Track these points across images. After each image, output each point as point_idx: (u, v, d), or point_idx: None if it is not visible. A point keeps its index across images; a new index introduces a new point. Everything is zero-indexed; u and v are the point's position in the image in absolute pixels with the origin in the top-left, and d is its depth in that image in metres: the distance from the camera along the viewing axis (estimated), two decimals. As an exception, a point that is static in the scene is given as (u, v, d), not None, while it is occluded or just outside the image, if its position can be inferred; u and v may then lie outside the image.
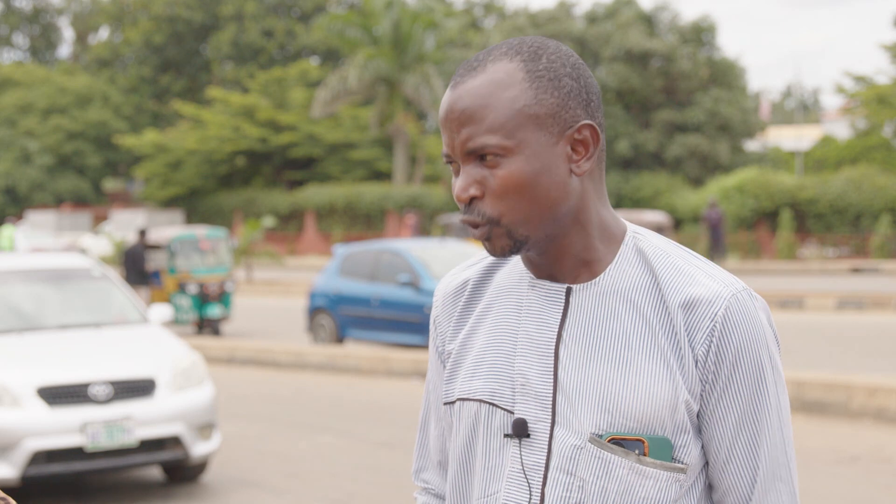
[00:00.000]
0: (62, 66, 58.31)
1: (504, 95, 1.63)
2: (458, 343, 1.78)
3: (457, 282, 1.83)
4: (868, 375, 10.53)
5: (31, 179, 47.83)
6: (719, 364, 1.63)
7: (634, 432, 1.62)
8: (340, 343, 15.58)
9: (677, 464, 1.63)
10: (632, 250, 1.70)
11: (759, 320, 1.66)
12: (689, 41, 38.93)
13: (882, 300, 18.79)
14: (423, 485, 1.92)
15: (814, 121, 63.96)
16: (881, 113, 35.60)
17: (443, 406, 1.81)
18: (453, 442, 1.77)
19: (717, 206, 28.64)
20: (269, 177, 47.19)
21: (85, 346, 8.01)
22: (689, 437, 1.64)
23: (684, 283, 1.65)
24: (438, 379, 1.84)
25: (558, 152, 1.64)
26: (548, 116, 1.64)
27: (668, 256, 1.68)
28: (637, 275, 1.68)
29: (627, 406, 1.62)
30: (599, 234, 1.69)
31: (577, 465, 1.63)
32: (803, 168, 42.69)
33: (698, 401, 1.64)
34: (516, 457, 1.67)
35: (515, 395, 1.68)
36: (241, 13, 51.79)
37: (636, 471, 1.62)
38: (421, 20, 39.24)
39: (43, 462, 7.14)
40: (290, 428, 10.06)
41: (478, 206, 1.64)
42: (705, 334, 1.63)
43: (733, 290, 1.65)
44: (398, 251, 15.41)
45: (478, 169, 1.64)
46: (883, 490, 7.44)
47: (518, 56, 1.65)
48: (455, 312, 1.81)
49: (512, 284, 1.75)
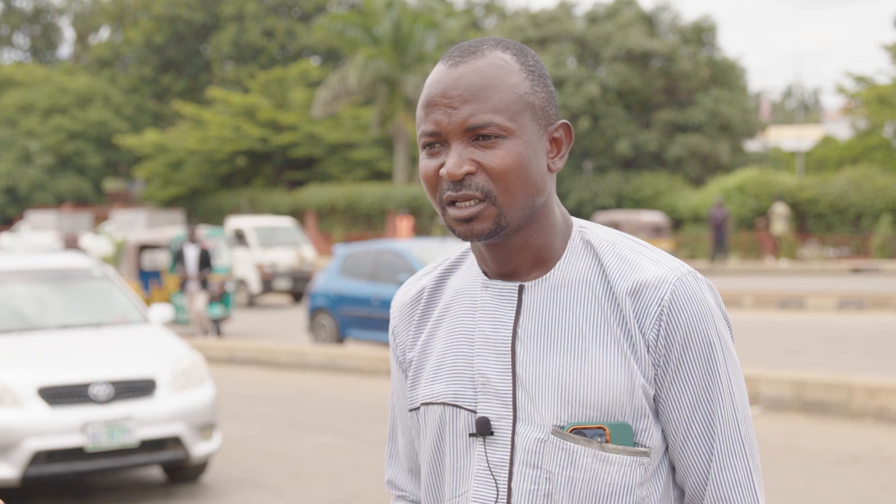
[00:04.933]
0: (63, 66, 58.31)
1: (508, 79, 1.66)
2: (418, 350, 1.81)
3: (413, 291, 1.86)
4: (868, 375, 10.52)
5: (31, 179, 47.82)
6: (669, 347, 1.66)
7: (595, 421, 1.65)
8: (341, 343, 15.58)
9: (640, 448, 1.66)
10: (579, 244, 1.73)
11: (706, 302, 1.68)
12: (690, 41, 38.92)
13: (882, 300, 18.78)
14: (396, 493, 1.95)
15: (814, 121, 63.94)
16: (882, 113, 35.58)
17: (408, 413, 1.84)
18: (422, 446, 1.80)
19: (724, 205, 28.64)
20: (269, 177, 47.19)
21: (85, 346, 8.01)
22: (649, 422, 1.67)
23: (630, 270, 1.68)
24: (401, 388, 1.87)
25: (542, 145, 1.69)
26: (539, 108, 1.68)
27: (613, 247, 1.71)
28: (585, 267, 1.71)
29: (586, 396, 1.65)
30: (555, 230, 1.73)
31: (541, 457, 1.66)
32: (804, 168, 42.68)
33: (653, 385, 1.67)
34: (482, 455, 1.70)
35: (477, 394, 1.71)
36: (242, 13, 51.78)
37: (600, 458, 1.65)
38: (421, 20, 39.23)
39: (43, 462, 7.14)
40: (290, 428, 10.06)
41: (473, 181, 1.65)
42: (654, 319, 1.65)
43: (678, 273, 1.68)
44: (398, 251, 15.42)
45: (471, 148, 1.65)
46: (883, 490, 7.44)
47: (509, 50, 1.70)
48: (413, 321, 1.84)
49: (466, 287, 1.78)
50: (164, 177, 46.28)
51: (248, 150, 45.03)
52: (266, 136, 44.20)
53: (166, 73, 54.28)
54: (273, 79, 45.52)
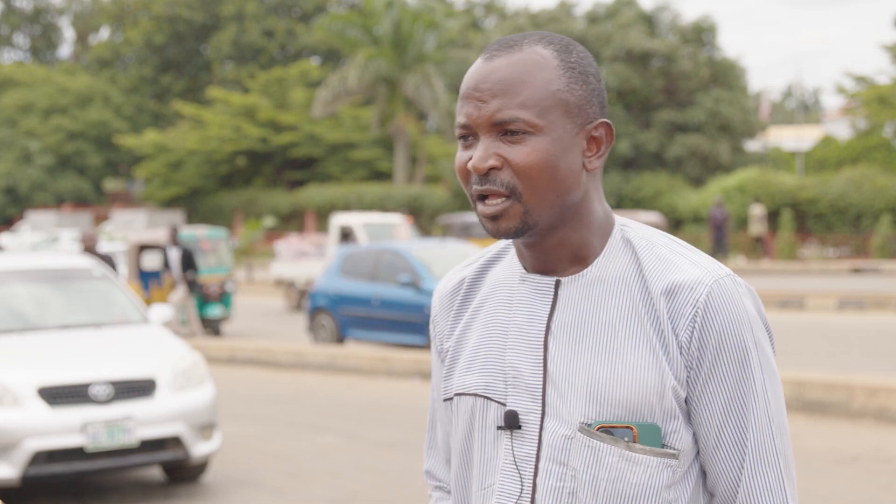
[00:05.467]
0: (63, 66, 58.31)
1: (541, 75, 1.65)
2: (455, 340, 1.81)
3: (453, 281, 1.86)
4: (868, 375, 10.52)
5: (31, 179, 47.82)
6: (703, 349, 1.64)
7: (623, 420, 1.63)
8: (341, 343, 15.58)
9: (668, 450, 1.64)
10: (619, 241, 1.72)
11: (743, 305, 1.66)
12: (690, 41, 38.93)
13: (882, 300, 18.79)
14: (434, 483, 1.95)
15: (814, 121, 63.93)
16: (882, 113, 35.58)
17: (443, 403, 1.84)
18: (453, 437, 1.80)
19: (724, 205, 28.65)
20: (269, 177, 47.19)
21: (85, 346, 8.01)
22: (679, 424, 1.65)
23: (667, 270, 1.67)
24: (440, 378, 1.87)
25: (577, 144, 1.67)
26: (575, 106, 1.67)
27: (652, 246, 1.70)
28: (623, 265, 1.70)
29: (615, 394, 1.64)
30: (594, 228, 1.72)
31: (568, 454, 1.65)
32: (804, 168, 42.68)
33: (685, 387, 1.65)
34: (508, 449, 1.70)
35: (507, 387, 1.71)
36: (242, 13, 51.78)
37: (626, 458, 1.63)
38: (421, 20, 39.23)
39: (43, 462, 7.14)
40: (290, 428, 10.06)
41: (498, 176, 1.65)
42: (688, 320, 1.63)
43: (716, 275, 1.66)
44: (399, 251, 15.42)
45: (498, 143, 1.65)
46: (883, 490, 7.43)
47: (551, 45, 1.69)
48: (452, 311, 1.84)
49: (505, 280, 1.78)
50: (164, 177, 46.29)
51: (248, 150, 45.05)
52: (266, 136, 44.21)
53: (166, 73, 54.28)
54: (273, 79, 45.54)
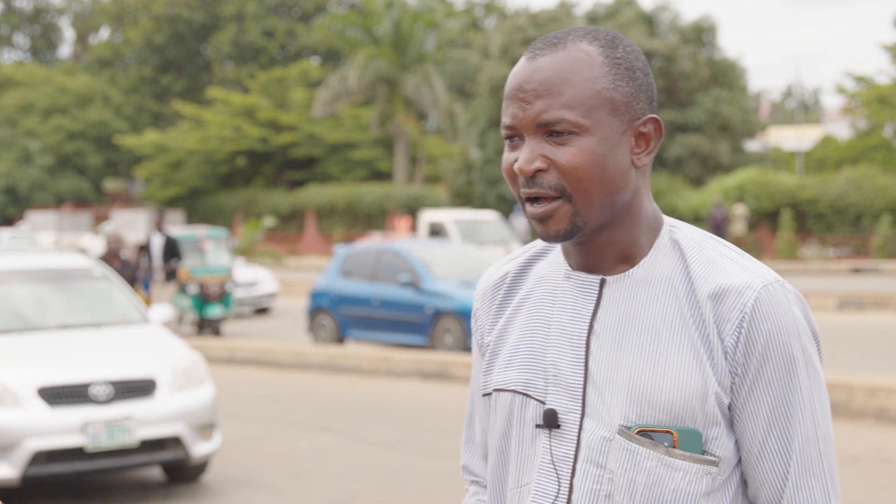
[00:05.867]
0: (63, 66, 58.31)
1: (585, 74, 1.63)
2: (496, 335, 1.79)
3: (497, 275, 1.84)
4: (868, 375, 10.52)
5: (31, 179, 47.82)
6: (748, 356, 1.61)
7: (664, 424, 1.61)
8: (341, 343, 15.58)
9: (708, 456, 1.61)
10: (667, 242, 1.69)
11: (792, 312, 1.63)
12: (690, 41, 38.93)
13: (882, 300, 18.79)
14: (471, 478, 1.93)
15: (814, 121, 63.94)
16: (882, 113, 35.58)
17: (482, 398, 1.82)
18: (491, 433, 1.78)
19: (723, 205, 28.65)
20: (269, 177, 47.19)
21: (85, 346, 8.01)
22: (721, 430, 1.62)
23: (715, 273, 1.64)
24: (479, 372, 1.84)
25: (625, 142, 1.65)
26: (622, 104, 1.64)
27: (701, 248, 1.68)
28: (670, 266, 1.67)
29: (656, 397, 1.61)
30: (643, 227, 1.69)
31: (606, 457, 1.63)
32: (804, 168, 42.69)
33: (729, 393, 1.62)
34: (546, 448, 1.68)
35: (548, 385, 1.68)
36: (242, 13, 51.78)
37: (665, 463, 1.61)
38: (421, 20, 39.23)
39: (43, 462, 7.14)
40: (290, 428, 10.06)
41: (544, 178, 1.63)
42: (734, 325, 1.61)
43: (764, 281, 1.63)
44: (399, 251, 15.42)
45: (544, 144, 1.63)
46: (883, 490, 7.44)
47: (597, 41, 1.66)
48: (494, 305, 1.82)
49: (549, 276, 1.75)
50: (164, 177, 46.28)
51: (248, 150, 45.04)
52: (266, 136, 44.21)
53: (166, 73, 54.28)
54: (273, 79, 45.53)
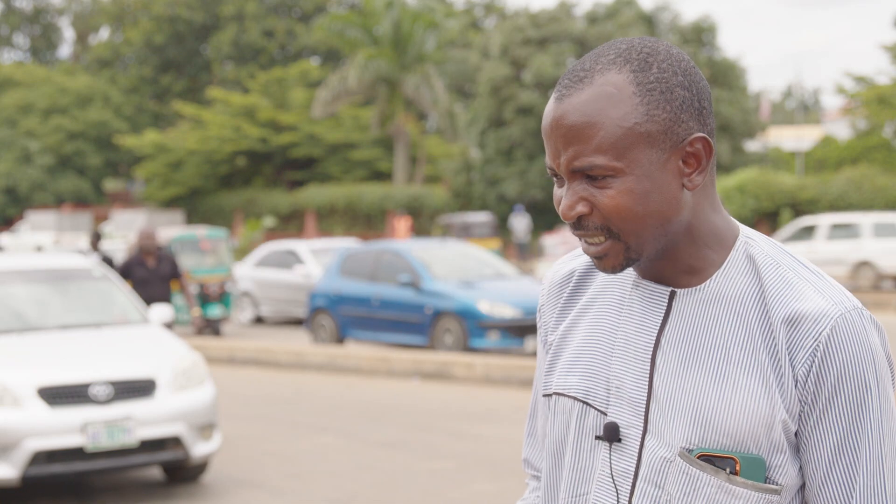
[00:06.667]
0: (63, 67, 58.32)
1: (614, 113, 1.55)
2: (559, 335, 1.76)
3: (564, 272, 1.80)
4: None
5: (31, 179, 47.82)
6: (819, 386, 1.55)
7: (727, 449, 1.57)
8: (341, 343, 15.59)
9: (771, 485, 1.57)
10: (742, 257, 1.64)
11: (869, 343, 1.58)
12: (690, 41, 38.93)
13: (883, 300, 18.79)
14: (532, 472, 1.90)
15: (814, 121, 63.94)
16: (882, 113, 35.57)
17: (542, 397, 1.79)
18: (548, 435, 1.75)
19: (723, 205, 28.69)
20: (269, 177, 47.19)
21: (85, 346, 8.01)
22: (785, 458, 1.58)
23: (791, 296, 1.58)
24: (542, 370, 1.81)
25: (670, 168, 1.58)
26: (660, 133, 1.56)
27: (778, 267, 1.62)
28: (744, 284, 1.61)
29: (721, 421, 1.57)
30: (710, 241, 1.64)
31: (665, 477, 1.59)
32: (804, 168, 42.69)
33: (796, 421, 1.57)
34: (606, 461, 1.64)
35: (609, 396, 1.65)
36: (242, 13, 51.78)
37: (725, 490, 1.56)
38: (421, 20, 39.23)
39: (43, 462, 7.14)
40: (290, 428, 10.06)
41: (590, 221, 1.59)
42: (808, 353, 1.55)
43: (843, 308, 1.58)
44: (398, 251, 15.43)
45: (584, 185, 1.58)
46: (883, 490, 7.43)
47: (627, 65, 1.57)
48: (559, 303, 1.78)
49: (616, 280, 1.71)
50: (164, 177, 46.27)
51: (248, 150, 45.04)
52: (266, 136, 44.20)
53: (166, 73, 54.29)
54: (273, 79, 45.53)
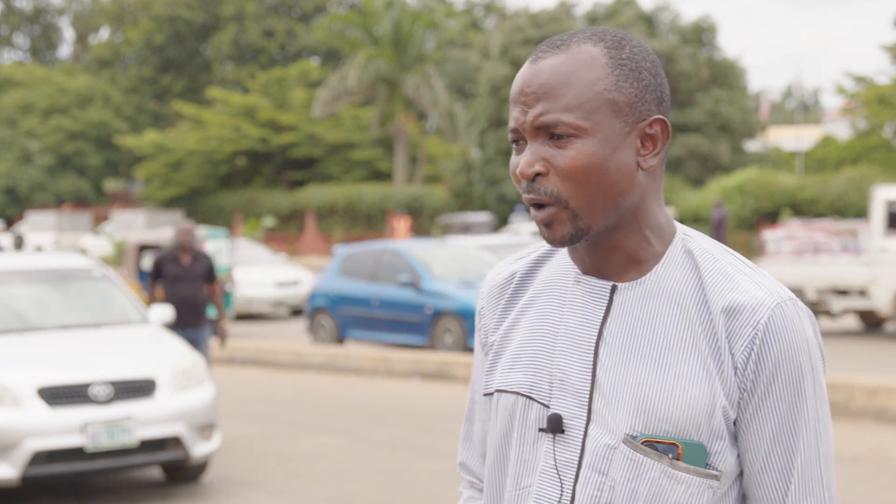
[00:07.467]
0: (63, 67, 58.33)
1: (586, 76, 1.62)
2: (500, 335, 1.78)
3: (504, 274, 1.83)
4: (868, 375, 10.53)
5: (31, 179, 47.83)
6: (758, 373, 1.60)
7: (669, 436, 1.61)
8: (341, 343, 15.58)
9: (711, 470, 1.61)
10: (680, 251, 1.68)
11: (804, 332, 1.63)
12: (690, 41, 38.94)
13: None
14: (468, 477, 1.92)
15: (814, 121, 63.95)
16: (882, 113, 35.56)
17: (483, 397, 1.81)
18: (491, 433, 1.77)
19: (723, 205, 28.65)
20: (269, 177, 47.20)
21: (85, 346, 8.01)
22: (725, 445, 1.62)
23: (729, 288, 1.63)
24: (481, 370, 1.84)
25: (629, 143, 1.63)
26: (625, 105, 1.63)
27: (715, 261, 1.66)
28: (683, 277, 1.66)
29: (663, 409, 1.61)
30: (653, 232, 1.68)
31: (609, 464, 1.62)
32: (804, 168, 42.70)
33: (736, 409, 1.62)
34: (549, 452, 1.67)
35: (552, 389, 1.67)
36: (242, 13, 51.79)
37: (668, 475, 1.61)
38: (421, 20, 39.24)
39: (43, 462, 7.14)
40: (290, 428, 10.06)
41: (542, 184, 1.63)
42: (746, 342, 1.60)
43: (778, 298, 1.62)
44: (399, 251, 15.43)
45: (545, 147, 1.62)
46: (883, 490, 7.44)
47: (602, 42, 1.65)
48: (500, 304, 1.81)
49: (557, 278, 1.74)
50: (164, 177, 46.28)
51: (248, 150, 45.05)
52: (266, 136, 44.21)
53: (166, 73, 54.29)
54: (273, 79, 45.54)
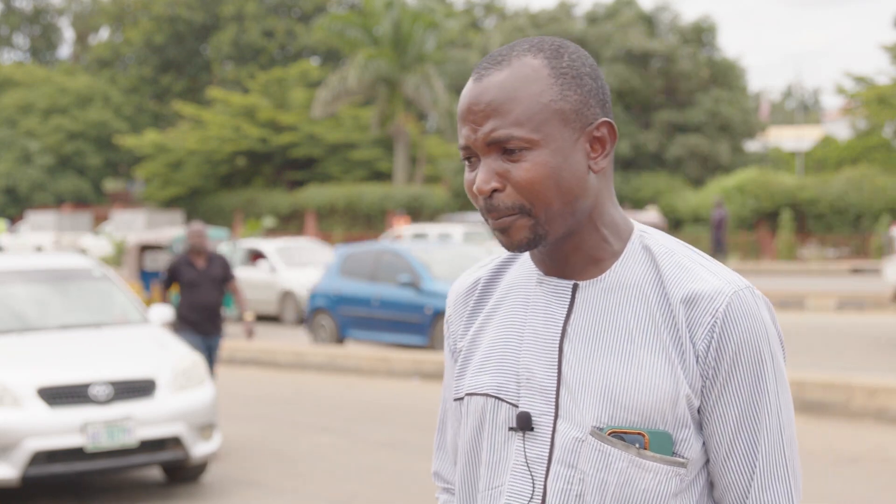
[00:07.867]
0: (63, 67, 58.31)
1: (531, 89, 1.65)
2: (468, 340, 1.82)
3: (468, 282, 1.87)
4: (868, 375, 10.53)
5: (31, 179, 47.82)
6: (719, 360, 1.64)
7: (635, 426, 1.64)
8: (341, 343, 15.58)
9: (677, 458, 1.65)
10: (638, 248, 1.72)
11: (762, 318, 1.67)
12: (690, 41, 38.92)
13: (882, 300, 18.77)
14: (442, 485, 1.95)
15: (814, 121, 63.95)
16: (881, 113, 35.56)
17: (453, 403, 1.83)
18: (461, 436, 1.80)
19: (723, 205, 28.65)
20: (269, 177, 47.18)
21: (85, 346, 8.01)
22: (690, 433, 1.66)
23: (687, 279, 1.67)
24: (451, 377, 1.87)
25: (579, 148, 1.67)
26: (571, 112, 1.66)
27: (672, 254, 1.71)
28: (642, 271, 1.70)
29: (629, 399, 1.64)
30: (610, 231, 1.72)
31: (578, 457, 1.66)
32: (804, 168, 42.70)
33: (699, 396, 1.66)
34: (520, 450, 1.70)
35: (520, 389, 1.71)
36: (242, 13, 51.78)
37: (636, 464, 1.64)
38: (421, 20, 39.22)
39: (43, 462, 7.14)
40: (290, 428, 10.07)
41: (501, 200, 1.66)
42: (706, 330, 1.64)
43: (735, 287, 1.66)
44: (399, 251, 15.43)
45: (499, 162, 1.66)
46: (883, 490, 7.44)
47: (541, 53, 1.68)
48: (466, 311, 1.85)
49: (521, 282, 1.78)
50: (164, 177, 46.26)
51: (248, 150, 45.03)
52: (266, 136, 44.20)
53: (166, 73, 54.28)
54: (273, 79, 45.52)
